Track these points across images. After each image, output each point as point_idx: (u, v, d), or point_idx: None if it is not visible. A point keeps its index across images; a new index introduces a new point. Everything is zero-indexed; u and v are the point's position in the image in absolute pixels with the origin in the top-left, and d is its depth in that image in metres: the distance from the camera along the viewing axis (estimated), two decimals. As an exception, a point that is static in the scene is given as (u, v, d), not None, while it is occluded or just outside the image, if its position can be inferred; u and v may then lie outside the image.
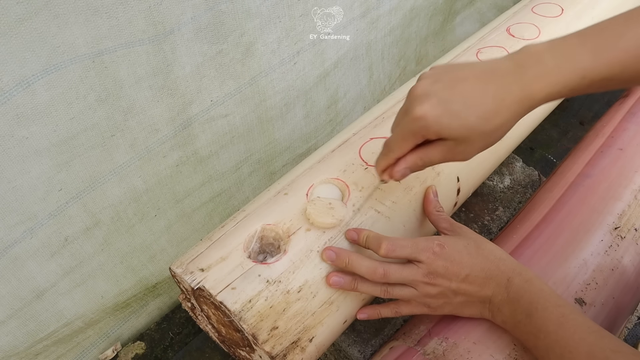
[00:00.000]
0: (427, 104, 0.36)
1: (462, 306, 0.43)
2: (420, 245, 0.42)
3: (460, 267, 0.41)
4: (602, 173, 0.60)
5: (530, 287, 0.40)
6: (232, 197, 0.70)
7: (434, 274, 0.41)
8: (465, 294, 0.42)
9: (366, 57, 0.79)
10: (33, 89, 0.41)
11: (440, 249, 0.41)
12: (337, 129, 0.82)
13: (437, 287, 0.42)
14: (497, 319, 0.42)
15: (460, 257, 0.42)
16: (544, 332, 0.38)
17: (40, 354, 0.56)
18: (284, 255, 0.43)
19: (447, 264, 0.41)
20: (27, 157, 0.44)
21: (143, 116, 0.51)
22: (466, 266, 0.41)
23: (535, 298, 0.39)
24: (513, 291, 0.40)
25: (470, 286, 0.42)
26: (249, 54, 0.58)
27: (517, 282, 0.41)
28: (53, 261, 0.51)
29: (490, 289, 0.42)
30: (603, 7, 0.73)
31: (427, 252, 0.41)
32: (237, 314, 0.39)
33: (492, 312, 0.42)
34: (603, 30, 0.36)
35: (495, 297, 0.41)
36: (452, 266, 0.41)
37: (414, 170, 0.41)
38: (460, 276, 0.41)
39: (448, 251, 0.42)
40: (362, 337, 0.56)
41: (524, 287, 0.40)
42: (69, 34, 0.41)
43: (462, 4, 0.98)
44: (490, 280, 0.42)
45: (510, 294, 0.40)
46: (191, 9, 0.49)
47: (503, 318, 0.42)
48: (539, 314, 0.38)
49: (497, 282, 0.41)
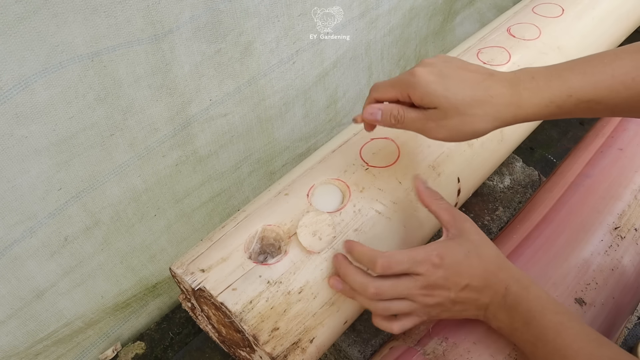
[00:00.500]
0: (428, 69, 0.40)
1: (459, 313, 0.42)
2: (418, 257, 0.40)
3: (460, 277, 0.40)
4: (602, 173, 0.60)
5: (528, 295, 0.39)
6: (232, 197, 0.70)
7: (433, 285, 0.40)
8: (464, 302, 0.41)
9: (365, 56, 0.79)
10: (32, 88, 0.41)
11: (439, 260, 0.40)
12: (337, 128, 0.82)
13: (435, 298, 0.40)
14: (493, 324, 0.42)
15: (459, 268, 0.40)
16: (542, 340, 0.37)
17: (41, 354, 0.56)
18: (285, 256, 0.43)
19: (447, 274, 0.40)
20: (26, 156, 0.44)
21: (142, 115, 0.51)
22: (466, 276, 0.40)
23: (533, 306, 0.39)
24: (510, 298, 0.40)
25: (469, 294, 0.41)
26: (248, 53, 0.58)
27: (514, 289, 0.40)
28: (53, 261, 0.51)
29: (488, 297, 0.41)
30: (603, 7, 0.73)
31: (425, 264, 0.40)
32: (238, 315, 0.39)
33: (487, 318, 0.42)
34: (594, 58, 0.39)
35: (492, 304, 0.41)
36: (452, 277, 0.40)
37: (384, 120, 0.42)
38: (459, 286, 0.40)
39: (448, 262, 0.40)
40: (362, 337, 0.56)
41: (521, 295, 0.39)
42: (68, 33, 0.41)
43: (461, 4, 0.98)
44: (488, 288, 0.41)
45: (508, 301, 0.40)
46: (189, 8, 0.48)
47: (499, 324, 0.41)
48: (537, 322, 0.38)
49: (494, 291, 0.41)
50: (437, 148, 0.53)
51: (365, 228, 0.46)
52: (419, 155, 0.52)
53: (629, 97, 0.37)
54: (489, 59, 0.62)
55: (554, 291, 0.48)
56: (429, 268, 0.40)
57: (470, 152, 0.56)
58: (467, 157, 0.56)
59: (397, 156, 0.51)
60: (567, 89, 0.38)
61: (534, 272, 0.49)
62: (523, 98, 0.39)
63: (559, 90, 0.38)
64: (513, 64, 0.62)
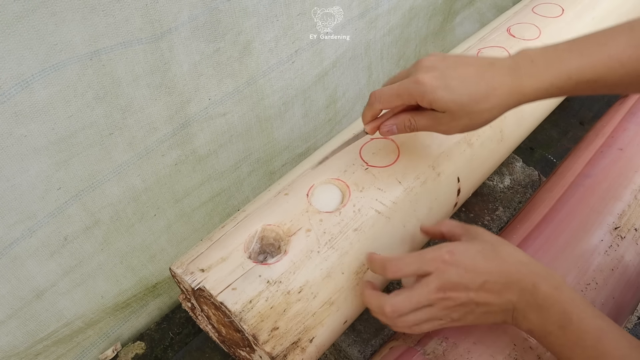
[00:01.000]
0: (431, 74, 0.40)
1: (484, 316, 0.40)
2: (427, 256, 0.39)
3: (475, 273, 0.38)
4: (602, 173, 0.60)
5: (561, 296, 0.37)
6: (232, 197, 0.70)
7: (447, 285, 0.38)
8: (487, 303, 0.39)
9: (365, 56, 0.79)
10: (31, 88, 0.41)
11: (450, 256, 0.38)
12: (336, 128, 0.82)
13: (455, 300, 0.38)
14: (523, 327, 0.39)
15: (474, 263, 0.38)
16: (580, 346, 0.35)
17: (41, 354, 0.56)
18: (285, 255, 0.43)
19: (459, 270, 0.38)
20: (25, 155, 0.43)
21: (141, 114, 0.51)
22: (482, 272, 0.38)
23: (569, 308, 0.36)
24: (541, 298, 0.37)
25: (490, 294, 0.38)
26: (247, 52, 0.58)
27: (544, 288, 0.37)
28: (52, 261, 0.51)
29: (514, 295, 0.38)
30: (603, 7, 0.73)
31: (435, 262, 0.39)
32: (237, 315, 0.39)
33: (516, 319, 0.39)
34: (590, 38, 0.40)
35: (520, 303, 0.38)
36: (466, 273, 0.38)
37: (399, 130, 0.44)
38: (476, 283, 0.38)
39: (458, 257, 0.38)
40: (362, 337, 0.56)
41: (553, 295, 0.37)
42: (67, 32, 0.40)
43: (461, 4, 0.98)
44: (512, 285, 0.38)
45: (538, 300, 0.37)
46: (188, 8, 0.48)
47: (530, 326, 0.38)
48: (575, 326, 0.36)
49: (520, 287, 0.38)
50: (436, 148, 0.53)
51: (365, 228, 0.46)
52: (418, 155, 0.52)
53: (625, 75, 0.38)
54: (489, 58, 0.62)
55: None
56: (439, 265, 0.38)
57: (470, 152, 0.56)
58: (466, 157, 0.56)
59: (396, 156, 0.51)
60: (567, 71, 0.39)
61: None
62: (525, 84, 0.40)
63: (559, 72, 0.39)
64: (513, 64, 0.62)
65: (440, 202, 0.53)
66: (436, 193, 0.52)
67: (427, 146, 0.53)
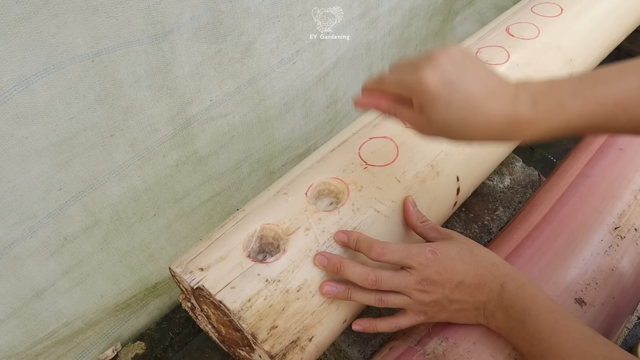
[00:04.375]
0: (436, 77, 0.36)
1: (457, 313, 0.43)
2: (412, 251, 0.41)
3: (453, 273, 0.41)
4: (602, 173, 0.59)
5: (523, 293, 0.40)
6: (232, 197, 0.70)
7: (427, 281, 0.41)
8: (460, 301, 0.42)
9: (366, 56, 0.79)
10: (32, 89, 0.41)
11: (432, 255, 0.41)
12: (337, 128, 0.82)
13: (431, 295, 0.41)
14: (492, 325, 0.42)
15: (453, 264, 0.41)
16: (537, 338, 0.38)
17: (41, 355, 0.56)
18: (284, 254, 0.43)
19: (440, 270, 0.41)
20: (26, 156, 0.44)
21: (142, 116, 0.51)
22: (459, 272, 0.41)
23: (528, 304, 0.39)
24: (506, 297, 0.40)
25: (464, 293, 0.41)
26: (248, 53, 0.58)
27: (510, 288, 0.40)
28: (52, 260, 0.51)
29: (484, 295, 0.41)
30: (603, 6, 0.73)
31: (419, 258, 0.41)
32: (236, 313, 0.39)
33: (487, 318, 0.42)
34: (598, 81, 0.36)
35: (489, 303, 0.41)
36: (445, 272, 0.41)
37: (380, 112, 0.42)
38: (453, 282, 0.41)
39: (441, 257, 0.41)
40: (362, 337, 0.56)
41: (517, 293, 0.40)
42: (68, 34, 0.41)
43: (461, 4, 0.98)
44: (483, 286, 0.41)
45: (504, 300, 0.40)
46: (190, 9, 0.49)
47: (497, 324, 0.41)
48: (532, 321, 0.38)
49: (490, 288, 0.41)
50: (436, 147, 0.53)
51: (363, 227, 0.46)
52: (417, 154, 0.52)
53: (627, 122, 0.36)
54: (488, 58, 0.62)
55: (554, 291, 0.47)
56: (422, 262, 0.41)
57: (469, 151, 0.56)
58: (466, 156, 0.56)
59: (395, 155, 0.51)
60: (567, 120, 0.36)
61: (534, 272, 0.49)
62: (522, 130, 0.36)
63: (558, 121, 0.36)
64: (512, 64, 0.62)
65: (440, 201, 0.53)
66: (435, 192, 0.52)
67: (426, 145, 0.53)
